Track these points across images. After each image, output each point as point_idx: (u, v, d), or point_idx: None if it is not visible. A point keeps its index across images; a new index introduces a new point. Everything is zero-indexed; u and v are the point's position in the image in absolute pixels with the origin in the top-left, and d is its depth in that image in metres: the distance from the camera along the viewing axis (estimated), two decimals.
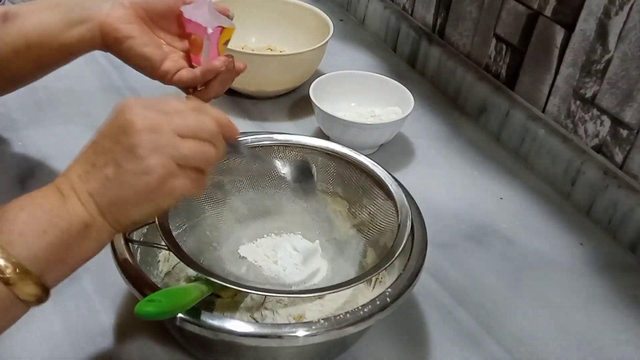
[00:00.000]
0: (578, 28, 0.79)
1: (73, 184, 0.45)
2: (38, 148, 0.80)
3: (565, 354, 0.63)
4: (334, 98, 0.90)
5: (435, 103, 0.99)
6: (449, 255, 0.73)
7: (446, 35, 1.03)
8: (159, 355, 0.58)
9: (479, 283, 0.70)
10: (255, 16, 1.04)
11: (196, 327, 0.49)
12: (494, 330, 0.65)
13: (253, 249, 0.67)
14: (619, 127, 0.76)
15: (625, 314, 0.68)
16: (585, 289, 0.71)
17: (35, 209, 0.44)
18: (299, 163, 0.65)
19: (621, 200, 0.75)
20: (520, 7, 0.86)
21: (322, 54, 0.96)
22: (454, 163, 0.88)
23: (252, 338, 0.49)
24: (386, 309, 0.52)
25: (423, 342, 0.63)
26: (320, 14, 1.00)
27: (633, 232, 0.75)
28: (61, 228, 0.44)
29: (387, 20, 1.12)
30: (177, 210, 0.59)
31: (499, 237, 0.76)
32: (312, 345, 0.51)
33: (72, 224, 0.44)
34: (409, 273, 0.55)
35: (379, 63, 1.09)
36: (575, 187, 0.81)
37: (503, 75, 0.93)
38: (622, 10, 0.73)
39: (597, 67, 0.78)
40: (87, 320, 0.61)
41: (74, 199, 0.45)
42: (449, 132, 0.94)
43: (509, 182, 0.85)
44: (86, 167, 0.46)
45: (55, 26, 0.61)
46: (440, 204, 0.80)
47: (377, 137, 0.85)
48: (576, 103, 0.82)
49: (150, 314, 0.45)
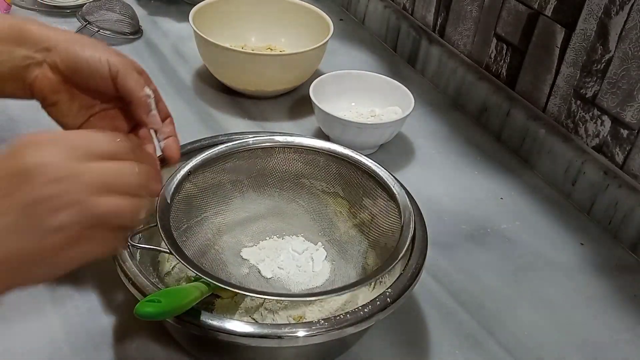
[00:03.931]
0: (578, 28, 0.79)
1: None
2: None
3: (565, 354, 0.63)
4: (334, 98, 0.90)
5: (436, 103, 0.99)
6: (449, 255, 0.73)
7: (446, 34, 1.02)
8: (159, 355, 0.58)
9: (479, 283, 0.70)
10: (255, 15, 1.04)
11: (196, 327, 0.49)
12: (494, 330, 0.65)
13: (255, 251, 0.67)
14: (619, 127, 0.76)
15: (625, 314, 0.68)
16: (586, 289, 0.71)
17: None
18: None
19: (622, 200, 0.75)
20: (521, 6, 0.86)
21: (322, 54, 0.96)
22: (454, 163, 0.88)
23: (252, 338, 0.49)
24: (386, 309, 0.52)
25: (423, 342, 0.63)
26: (320, 13, 1.00)
27: (633, 232, 0.75)
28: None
29: (387, 19, 1.12)
30: (178, 212, 0.59)
31: (500, 237, 0.76)
32: (312, 345, 0.51)
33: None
34: (409, 273, 0.55)
35: (379, 63, 1.08)
36: (576, 187, 0.81)
37: (503, 75, 0.93)
38: (622, 10, 0.73)
39: (597, 66, 0.77)
40: (86, 321, 0.60)
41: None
42: (449, 132, 0.93)
43: (510, 182, 0.85)
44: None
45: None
46: (440, 204, 0.80)
47: (377, 137, 0.84)
48: (577, 103, 0.82)
49: (150, 314, 0.45)
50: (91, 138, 0.43)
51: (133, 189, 0.42)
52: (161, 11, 1.16)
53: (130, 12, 1.07)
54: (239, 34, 1.03)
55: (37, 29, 0.56)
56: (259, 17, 1.04)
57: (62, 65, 0.55)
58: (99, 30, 1.02)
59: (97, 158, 0.41)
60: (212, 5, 1.00)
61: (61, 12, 1.10)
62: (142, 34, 1.09)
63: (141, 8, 1.16)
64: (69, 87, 0.57)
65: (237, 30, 1.03)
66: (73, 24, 1.05)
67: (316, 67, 0.97)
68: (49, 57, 0.56)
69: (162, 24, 1.13)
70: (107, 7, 1.05)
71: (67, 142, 0.41)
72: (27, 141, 0.39)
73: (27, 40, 0.55)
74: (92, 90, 0.57)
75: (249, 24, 1.04)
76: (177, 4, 1.17)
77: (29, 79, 0.56)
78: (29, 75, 0.56)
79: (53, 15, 1.10)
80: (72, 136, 0.43)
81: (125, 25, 1.05)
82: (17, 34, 0.55)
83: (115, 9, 1.05)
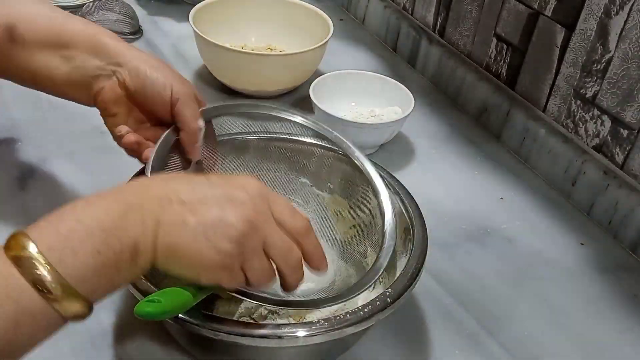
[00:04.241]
0: (578, 28, 0.79)
1: (145, 198, 0.44)
2: (38, 148, 0.80)
3: (565, 354, 0.63)
4: (334, 98, 0.90)
5: (436, 103, 0.99)
6: (449, 255, 0.73)
7: (446, 34, 1.02)
8: (159, 356, 0.58)
9: (479, 283, 0.70)
10: (255, 15, 1.04)
11: (196, 327, 0.49)
12: (494, 330, 0.65)
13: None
14: (619, 127, 0.76)
15: (625, 314, 0.68)
16: (586, 289, 0.71)
17: (93, 226, 0.41)
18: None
19: (622, 200, 0.75)
20: (521, 6, 0.86)
21: (322, 54, 0.96)
22: (454, 163, 0.88)
23: (252, 338, 0.49)
24: (386, 309, 0.52)
25: (423, 343, 0.63)
26: (320, 13, 1.00)
27: (633, 232, 0.75)
28: (115, 250, 0.41)
29: (387, 19, 1.12)
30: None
31: (500, 237, 0.76)
32: (312, 345, 0.51)
33: (126, 247, 0.42)
34: (409, 273, 0.55)
35: (379, 63, 1.08)
36: (576, 187, 0.81)
37: (503, 75, 0.93)
38: (622, 10, 0.73)
39: (597, 66, 0.77)
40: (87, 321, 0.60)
41: (137, 218, 0.43)
42: (449, 132, 0.93)
43: (510, 182, 0.85)
44: (172, 195, 0.44)
45: (60, 77, 0.60)
46: (440, 204, 0.80)
47: (377, 137, 0.84)
48: (577, 103, 0.82)
49: (149, 314, 0.45)
50: (296, 217, 0.49)
51: (300, 236, 0.49)
52: (161, 11, 1.16)
53: (130, 12, 1.07)
54: (239, 34, 1.03)
55: (113, 42, 0.60)
56: (259, 17, 1.04)
57: (129, 82, 0.59)
58: None
59: (279, 202, 0.49)
60: (212, 5, 1.00)
61: None
62: (142, 34, 1.09)
63: (141, 8, 1.16)
64: (129, 102, 0.60)
65: (237, 30, 1.03)
66: None
67: (316, 67, 0.97)
68: (118, 72, 0.59)
69: (162, 24, 1.13)
70: (107, 7, 1.05)
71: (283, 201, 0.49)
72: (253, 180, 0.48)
73: (102, 52, 0.59)
74: (151, 111, 0.61)
75: (249, 24, 1.04)
76: (177, 4, 1.17)
77: (96, 89, 0.60)
78: (97, 85, 0.60)
79: None
80: (282, 201, 0.49)
81: (125, 25, 1.05)
82: (94, 44, 0.59)
83: (115, 9, 1.05)
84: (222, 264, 0.45)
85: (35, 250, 0.39)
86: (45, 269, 0.38)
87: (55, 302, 0.39)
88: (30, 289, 0.38)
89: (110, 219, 0.42)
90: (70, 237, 0.40)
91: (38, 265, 0.38)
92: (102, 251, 0.41)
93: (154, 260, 0.44)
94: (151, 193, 0.45)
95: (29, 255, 0.38)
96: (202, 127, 0.60)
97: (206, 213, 0.44)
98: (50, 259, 0.39)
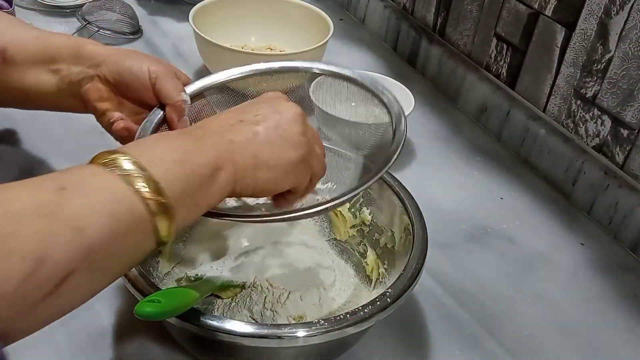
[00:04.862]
0: (579, 27, 0.79)
1: (209, 131, 0.46)
2: (38, 148, 0.80)
3: (565, 354, 0.63)
4: (333, 98, 0.89)
5: (436, 103, 0.99)
6: (449, 255, 0.73)
7: (447, 34, 1.02)
8: (159, 356, 0.58)
9: (479, 283, 0.70)
10: (255, 15, 1.04)
11: (196, 327, 0.49)
12: (494, 330, 0.65)
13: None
14: (619, 127, 0.76)
15: (625, 314, 0.68)
16: (586, 288, 0.71)
17: (171, 141, 0.45)
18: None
19: (622, 200, 0.75)
20: (521, 6, 0.86)
21: (322, 54, 0.96)
22: (454, 163, 0.88)
23: (252, 338, 0.49)
24: (386, 310, 0.52)
25: (423, 343, 0.63)
26: (320, 13, 1.00)
27: (634, 232, 0.75)
28: (197, 162, 0.43)
29: (387, 19, 1.12)
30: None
31: (500, 237, 0.76)
32: (312, 345, 0.51)
33: (206, 162, 0.44)
34: (410, 273, 0.55)
35: (379, 63, 1.08)
36: (576, 186, 0.81)
37: (503, 74, 0.93)
38: (622, 10, 0.73)
39: (597, 66, 0.77)
40: (86, 321, 0.60)
41: (210, 141, 0.45)
42: (449, 132, 0.93)
43: (510, 182, 0.85)
44: (230, 121, 0.48)
45: (51, 90, 0.63)
46: (440, 204, 0.80)
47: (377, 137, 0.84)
48: (577, 103, 0.82)
49: (149, 315, 0.45)
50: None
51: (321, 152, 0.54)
52: (161, 11, 1.16)
53: (130, 12, 1.07)
54: (239, 34, 1.03)
55: (93, 47, 0.62)
56: (259, 17, 1.04)
57: (109, 76, 0.60)
58: (98, 30, 1.02)
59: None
60: (212, 5, 1.00)
61: (61, 11, 1.10)
62: (142, 34, 1.08)
63: (141, 8, 1.16)
64: (116, 97, 0.62)
65: (237, 30, 1.03)
66: (73, 23, 1.05)
67: None
68: (98, 70, 0.61)
69: (162, 24, 1.13)
70: (107, 7, 1.05)
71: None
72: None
73: (83, 58, 0.61)
74: (137, 98, 0.61)
75: (249, 24, 1.03)
76: (177, 4, 1.17)
77: (82, 92, 0.61)
78: (82, 89, 0.61)
79: (53, 15, 1.10)
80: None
81: (125, 25, 1.05)
82: (76, 52, 0.62)
83: (115, 8, 1.05)
84: (300, 157, 0.49)
85: (130, 163, 0.40)
86: (144, 178, 0.40)
87: (148, 207, 0.40)
88: (137, 200, 0.39)
89: (186, 144, 0.45)
90: (154, 147, 0.43)
91: (137, 176, 0.40)
92: (185, 162, 0.43)
93: (235, 177, 0.46)
94: (211, 128, 0.47)
95: (127, 168, 0.40)
96: (186, 100, 0.60)
97: (267, 120, 0.48)
98: (148, 169, 0.40)
